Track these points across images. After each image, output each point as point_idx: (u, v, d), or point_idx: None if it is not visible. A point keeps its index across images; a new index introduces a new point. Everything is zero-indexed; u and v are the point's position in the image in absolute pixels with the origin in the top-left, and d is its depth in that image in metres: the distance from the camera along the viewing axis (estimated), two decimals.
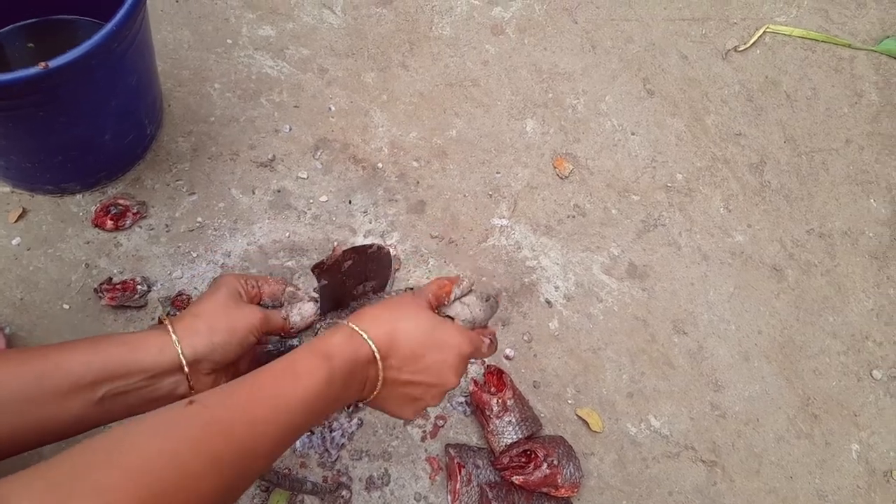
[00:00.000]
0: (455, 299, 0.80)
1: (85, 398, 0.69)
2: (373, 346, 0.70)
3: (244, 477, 0.59)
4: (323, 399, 0.66)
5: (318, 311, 0.85)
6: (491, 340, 0.80)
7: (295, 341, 0.90)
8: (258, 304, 0.86)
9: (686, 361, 1.24)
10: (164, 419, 0.57)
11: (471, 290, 0.83)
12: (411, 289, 0.87)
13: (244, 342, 0.78)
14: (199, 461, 0.54)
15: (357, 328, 0.70)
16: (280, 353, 0.84)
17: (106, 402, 0.71)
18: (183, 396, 0.76)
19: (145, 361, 0.72)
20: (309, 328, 0.86)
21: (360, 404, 0.88)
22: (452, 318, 0.80)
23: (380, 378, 0.71)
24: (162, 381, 0.74)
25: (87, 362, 0.70)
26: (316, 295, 0.86)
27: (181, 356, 0.74)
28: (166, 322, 0.76)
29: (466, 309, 0.80)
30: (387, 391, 0.73)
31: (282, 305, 0.88)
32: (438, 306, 0.79)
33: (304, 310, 0.84)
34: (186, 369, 0.74)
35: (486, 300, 0.82)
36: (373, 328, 0.71)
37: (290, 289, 0.87)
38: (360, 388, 0.72)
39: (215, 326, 0.76)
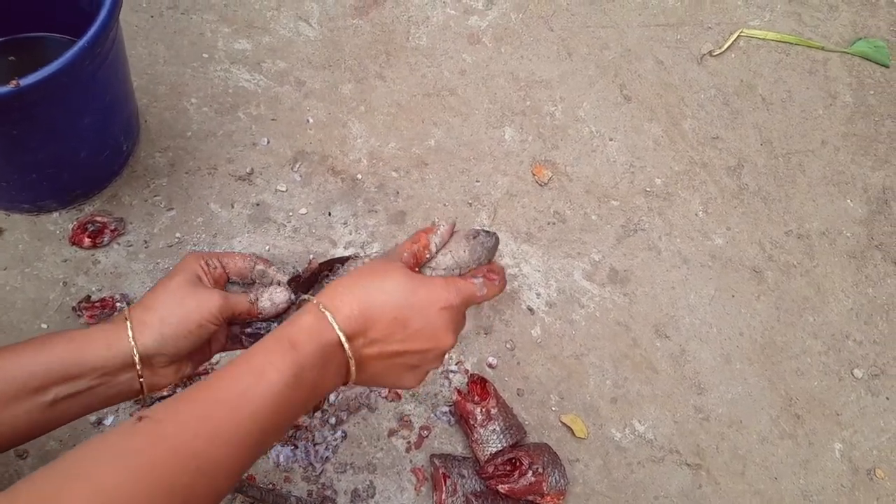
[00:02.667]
0: (437, 250, 0.72)
1: (35, 402, 0.65)
2: (338, 330, 0.63)
3: (209, 496, 0.55)
4: (292, 395, 0.60)
5: (291, 298, 0.76)
6: (485, 277, 0.71)
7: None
8: (225, 283, 0.79)
9: (669, 365, 1.24)
10: (114, 441, 0.53)
11: (455, 232, 0.74)
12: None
13: (200, 332, 0.71)
14: (155, 484, 0.51)
15: (324, 308, 0.63)
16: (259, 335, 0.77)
17: (59, 405, 0.67)
18: (140, 392, 0.71)
19: (94, 360, 0.67)
20: (280, 315, 0.78)
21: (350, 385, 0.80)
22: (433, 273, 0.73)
23: (351, 361, 0.65)
24: (116, 378, 0.69)
25: (33, 365, 0.65)
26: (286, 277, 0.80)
27: (134, 353, 0.68)
28: (125, 315, 0.70)
29: (449, 255, 0.72)
30: (376, 367, 0.67)
31: (252, 283, 0.80)
32: (419, 264, 0.72)
33: (275, 296, 0.76)
34: (139, 367, 0.69)
35: (475, 237, 0.72)
36: (343, 306, 0.64)
37: (259, 266, 0.79)
38: (341, 372, 0.66)
39: (165, 318, 0.69)
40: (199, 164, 1.28)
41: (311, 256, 1.22)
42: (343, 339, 0.63)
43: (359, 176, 1.32)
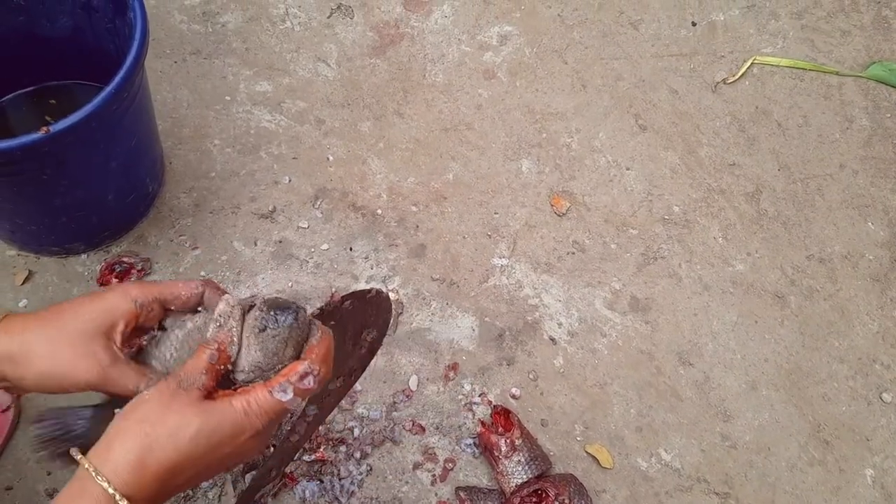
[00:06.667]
0: (239, 347, 0.61)
1: None
2: (115, 496, 0.54)
3: None
4: None
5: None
6: (295, 384, 0.60)
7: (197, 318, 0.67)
8: (158, 320, 0.67)
9: (693, 393, 1.24)
10: None
11: (250, 309, 0.62)
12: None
13: (61, 392, 0.63)
14: None
15: (95, 475, 0.55)
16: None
17: None
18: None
19: None
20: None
21: None
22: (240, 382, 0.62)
23: None
24: None
25: None
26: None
27: None
28: None
29: (242, 356, 0.61)
30: (191, 484, 0.60)
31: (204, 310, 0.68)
32: (223, 373, 0.61)
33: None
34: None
35: (262, 330, 0.60)
36: (119, 467, 0.55)
37: (208, 293, 0.67)
38: None
39: (27, 374, 0.61)
40: (222, 203, 1.30)
41: (334, 290, 1.23)
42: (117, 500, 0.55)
43: (379, 211, 1.34)
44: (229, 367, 0.61)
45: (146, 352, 0.66)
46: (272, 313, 0.61)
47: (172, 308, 0.67)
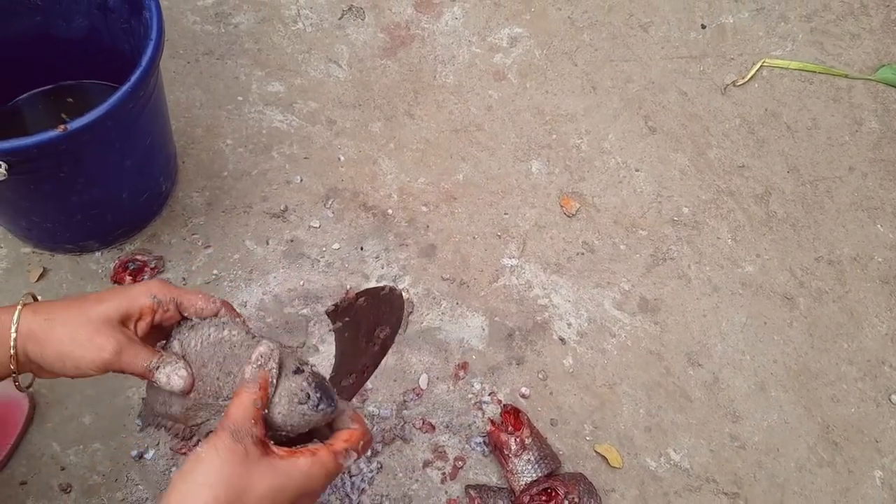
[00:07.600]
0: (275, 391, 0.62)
1: None
2: None
3: None
4: None
5: (185, 388, 0.65)
6: (359, 451, 0.63)
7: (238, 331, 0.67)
8: (172, 323, 0.69)
9: (702, 393, 1.24)
10: None
11: (293, 374, 0.62)
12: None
13: (79, 374, 0.65)
14: None
15: None
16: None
17: None
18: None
19: None
20: (176, 401, 0.68)
21: None
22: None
23: None
24: None
25: None
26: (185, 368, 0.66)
27: (12, 360, 0.64)
28: (17, 313, 0.64)
29: (270, 407, 0.61)
30: None
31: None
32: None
33: (173, 378, 0.65)
34: (15, 375, 0.65)
35: (302, 402, 0.61)
36: None
37: (222, 312, 0.68)
38: None
39: (47, 351, 0.63)
40: (234, 202, 1.31)
41: (349, 287, 1.24)
42: None
43: (389, 211, 1.34)
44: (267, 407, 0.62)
45: (174, 332, 0.69)
46: (318, 395, 0.61)
47: (187, 315, 0.69)
